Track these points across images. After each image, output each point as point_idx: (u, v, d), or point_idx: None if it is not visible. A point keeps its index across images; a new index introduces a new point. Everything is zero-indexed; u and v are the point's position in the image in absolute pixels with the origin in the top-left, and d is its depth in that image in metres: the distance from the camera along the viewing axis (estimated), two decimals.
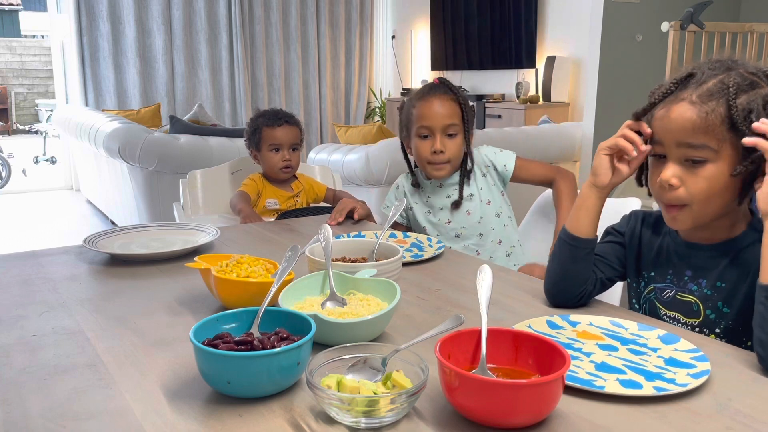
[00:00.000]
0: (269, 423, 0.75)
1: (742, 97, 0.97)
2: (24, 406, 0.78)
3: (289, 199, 2.16)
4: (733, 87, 0.97)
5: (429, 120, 1.70)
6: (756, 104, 0.96)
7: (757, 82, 0.99)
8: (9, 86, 12.20)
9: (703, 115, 0.97)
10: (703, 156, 0.99)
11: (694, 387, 0.81)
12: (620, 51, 4.33)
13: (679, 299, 1.11)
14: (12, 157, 7.51)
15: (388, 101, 6.48)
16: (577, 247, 1.12)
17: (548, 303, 1.14)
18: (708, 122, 0.97)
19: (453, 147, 1.71)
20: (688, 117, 0.99)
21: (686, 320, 1.10)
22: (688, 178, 1.01)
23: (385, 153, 3.26)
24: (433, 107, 1.70)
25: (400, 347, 0.81)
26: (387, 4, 7.09)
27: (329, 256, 1.11)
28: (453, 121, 1.70)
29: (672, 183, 1.01)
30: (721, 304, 1.07)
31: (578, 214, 1.13)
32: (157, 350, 0.94)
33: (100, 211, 5.19)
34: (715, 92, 0.98)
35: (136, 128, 3.72)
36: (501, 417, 0.72)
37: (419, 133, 1.72)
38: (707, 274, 1.08)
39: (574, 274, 1.12)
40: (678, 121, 1.00)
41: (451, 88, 1.74)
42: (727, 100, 0.97)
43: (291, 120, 2.19)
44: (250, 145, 2.20)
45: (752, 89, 0.98)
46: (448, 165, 1.72)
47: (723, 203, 1.02)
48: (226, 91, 6.34)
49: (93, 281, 1.27)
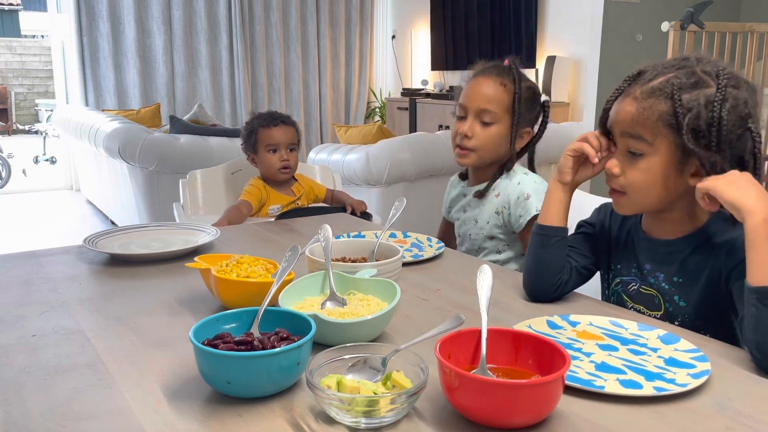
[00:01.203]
0: (269, 423, 0.75)
1: (683, 96, 1.01)
2: (24, 406, 0.78)
3: (291, 204, 2.16)
4: (676, 87, 1.01)
5: (466, 99, 1.55)
6: (697, 103, 1.00)
7: (705, 81, 1.01)
8: (9, 86, 12.19)
9: (641, 110, 1.03)
10: (640, 149, 1.05)
11: (694, 387, 0.81)
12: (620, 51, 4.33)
13: (643, 292, 1.16)
14: (12, 157, 7.51)
15: (388, 101, 6.48)
16: (546, 236, 1.17)
17: (527, 297, 1.17)
18: (644, 117, 1.03)
19: (484, 136, 1.54)
20: (629, 110, 1.05)
21: (650, 313, 1.15)
22: (627, 168, 1.08)
23: (385, 153, 3.26)
24: (475, 86, 1.54)
25: (400, 347, 0.81)
26: (387, 4, 7.09)
27: (329, 256, 1.11)
28: (490, 108, 1.53)
29: (614, 171, 1.09)
30: (678, 298, 1.12)
31: (546, 206, 1.19)
32: (157, 350, 0.94)
33: (100, 211, 5.19)
34: (656, 90, 1.03)
35: (136, 128, 3.72)
36: (501, 417, 0.72)
37: (457, 112, 1.58)
38: (664, 269, 1.13)
39: (547, 261, 1.15)
40: (621, 113, 1.07)
41: (512, 73, 1.54)
42: (668, 99, 1.01)
43: (287, 120, 2.17)
44: (246, 149, 2.18)
45: (696, 89, 1.01)
46: (474, 155, 1.56)
47: (661, 195, 1.07)
48: (226, 91, 6.34)
49: (93, 281, 1.27)
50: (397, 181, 3.30)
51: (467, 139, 1.55)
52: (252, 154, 2.17)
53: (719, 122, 0.99)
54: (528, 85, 1.59)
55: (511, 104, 1.54)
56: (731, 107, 0.99)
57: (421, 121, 5.89)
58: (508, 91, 1.54)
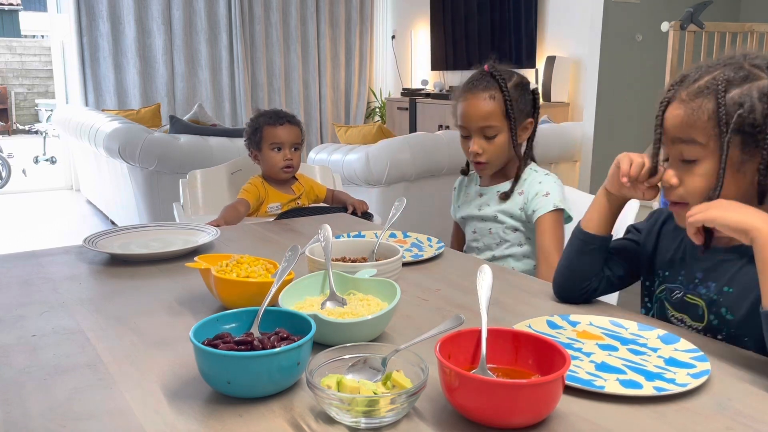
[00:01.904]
0: (269, 423, 0.75)
1: (733, 91, 0.95)
2: (24, 406, 0.78)
3: (291, 202, 2.15)
4: (722, 83, 0.96)
5: (465, 120, 1.62)
6: (749, 97, 0.95)
7: (756, 75, 0.96)
8: (9, 86, 12.19)
9: (690, 111, 0.98)
10: (694, 154, 0.99)
11: (694, 387, 0.81)
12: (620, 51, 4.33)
13: (687, 301, 1.10)
14: (12, 157, 7.51)
15: (388, 101, 6.48)
16: (584, 242, 1.15)
17: (555, 298, 1.16)
18: (694, 118, 0.97)
19: (492, 149, 1.61)
20: (677, 114, 0.99)
21: (692, 323, 1.09)
22: (685, 176, 1.01)
23: (385, 153, 3.26)
24: (469, 107, 1.60)
25: (400, 347, 0.81)
26: (387, 4, 7.09)
27: (329, 256, 1.11)
28: (490, 123, 1.59)
29: (671, 183, 1.02)
30: (726, 311, 1.04)
31: (591, 210, 1.17)
32: (157, 350, 0.94)
33: (100, 211, 5.19)
34: (704, 89, 0.97)
35: (136, 128, 3.73)
36: (501, 417, 0.72)
37: (461, 132, 1.66)
38: (717, 277, 1.06)
39: (579, 267, 1.13)
40: (669, 119, 1.01)
41: (498, 80, 1.60)
42: (716, 96, 0.96)
43: (292, 120, 2.18)
44: (250, 145, 2.17)
45: (747, 82, 0.96)
46: (489, 166, 1.64)
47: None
48: (226, 91, 6.34)
49: (93, 281, 1.27)
50: (397, 181, 3.30)
51: (479, 155, 1.61)
52: (255, 152, 2.16)
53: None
54: (514, 83, 1.62)
55: (505, 111, 1.59)
56: None
57: (421, 121, 5.89)
58: (499, 100, 1.59)
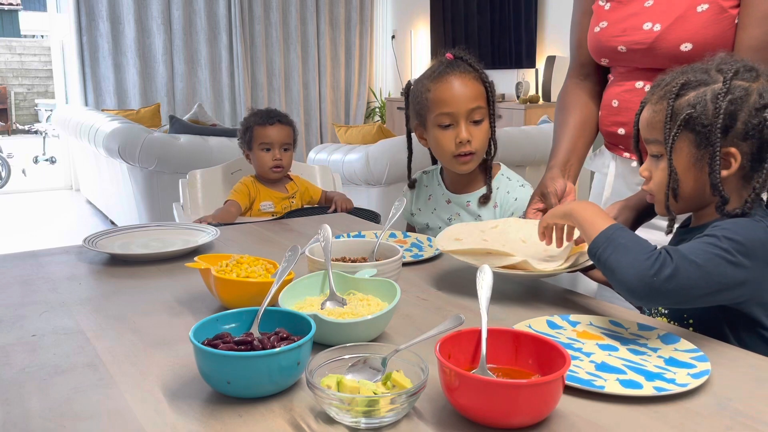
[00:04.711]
0: (269, 423, 0.75)
1: (689, 94, 1.03)
2: (24, 406, 0.78)
3: (283, 200, 2.16)
4: (678, 86, 1.03)
5: (450, 105, 1.44)
6: (702, 98, 1.01)
7: (715, 78, 1.02)
8: (9, 86, 12.20)
9: (653, 113, 1.07)
10: (659, 151, 1.07)
11: (694, 387, 0.80)
12: None
13: None
14: (12, 157, 7.51)
15: (388, 101, 6.48)
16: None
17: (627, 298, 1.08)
18: (656, 120, 1.07)
19: (480, 135, 1.47)
20: (644, 116, 1.09)
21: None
22: (653, 170, 1.10)
23: (385, 153, 3.26)
24: (453, 89, 1.44)
25: (400, 347, 0.81)
26: (387, 4, 7.09)
27: (329, 256, 1.11)
28: (478, 104, 1.45)
29: (643, 176, 1.12)
30: None
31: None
32: (157, 350, 0.94)
33: (100, 211, 5.19)
34: (667, 93, 1.06)
35: (136, 128, 3.73)
36: (501, 417, 0.72)
37: (439, 122, 1.47)
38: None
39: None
40: (641, 121, 1.11)
41: (471, 64, 1.48)
42: (667, 99, 1.04)
43: (284, 119, 2.18)
44: (242, 144, 2.20)
45: (704, 86, 1.03)
46: (474, 157, 1.49)
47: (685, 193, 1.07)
48: (225, 91, 6.34)
49: (93, 281, 1.27)
50: (397, 181, 3.30)
51: (468, 144, 1.47)
52: (247, 151, 2.19)
53: (725, 114, 0.99)
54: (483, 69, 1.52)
55: (486, 96, 1.49)
56: (739, 98, 1.00)
57: None
58: (480, 81, 1.49)
